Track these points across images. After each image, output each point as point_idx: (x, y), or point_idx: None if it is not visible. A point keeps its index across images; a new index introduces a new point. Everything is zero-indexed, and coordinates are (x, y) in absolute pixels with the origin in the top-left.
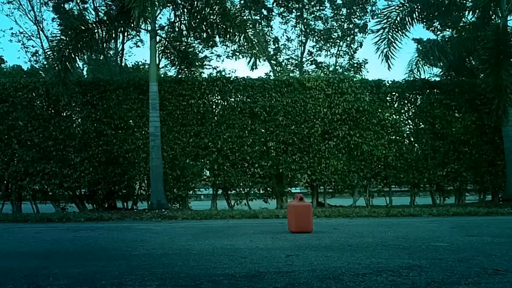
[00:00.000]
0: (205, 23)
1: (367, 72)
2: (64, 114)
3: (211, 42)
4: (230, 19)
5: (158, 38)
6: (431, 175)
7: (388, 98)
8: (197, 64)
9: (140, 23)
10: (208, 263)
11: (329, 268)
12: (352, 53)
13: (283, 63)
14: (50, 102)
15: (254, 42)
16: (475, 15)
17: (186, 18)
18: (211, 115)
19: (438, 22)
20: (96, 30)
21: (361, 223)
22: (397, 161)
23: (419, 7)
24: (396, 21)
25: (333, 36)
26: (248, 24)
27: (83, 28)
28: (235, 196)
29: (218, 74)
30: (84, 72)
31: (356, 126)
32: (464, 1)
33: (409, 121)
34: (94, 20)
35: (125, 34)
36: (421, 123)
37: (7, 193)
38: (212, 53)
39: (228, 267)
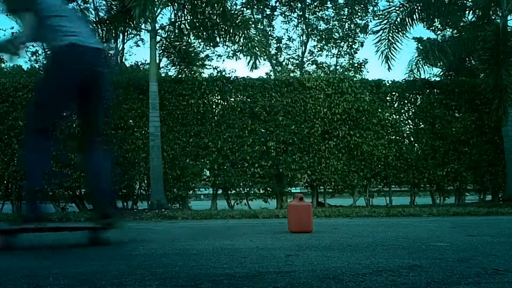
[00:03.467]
0: (205, 23)
1: (367, 72)
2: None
3: (212, 42)
4: (231, 19)
5: (158, 38)
6: (431, 175)
7: (388, 98)
8: (197, 64)
9: (141, 23)
10: (208, 263)
11: (329, 268)
12: (353, 53)
13: (284, 63)
14: None
15: (255, 42)
16: (475, 15)
17: (186, 18)
18: (211, 115)
19: (438, 22)
20: (96, 30)
21: (361, 223)
22: (397, 161)
23: (419, 7)
24: (396, 22)
25: (335, 37)
26: (250, 23)
27: None
28: (235, 196)
29: (218, 74)
30: None
31: (356, 126)
32: (464, 1)
33: (409, 121)
34: (95, 20)
35: (125, 34)
36: (421, 123)
37: (7, 193)
38: (213, 53)
39: (228, 267)
